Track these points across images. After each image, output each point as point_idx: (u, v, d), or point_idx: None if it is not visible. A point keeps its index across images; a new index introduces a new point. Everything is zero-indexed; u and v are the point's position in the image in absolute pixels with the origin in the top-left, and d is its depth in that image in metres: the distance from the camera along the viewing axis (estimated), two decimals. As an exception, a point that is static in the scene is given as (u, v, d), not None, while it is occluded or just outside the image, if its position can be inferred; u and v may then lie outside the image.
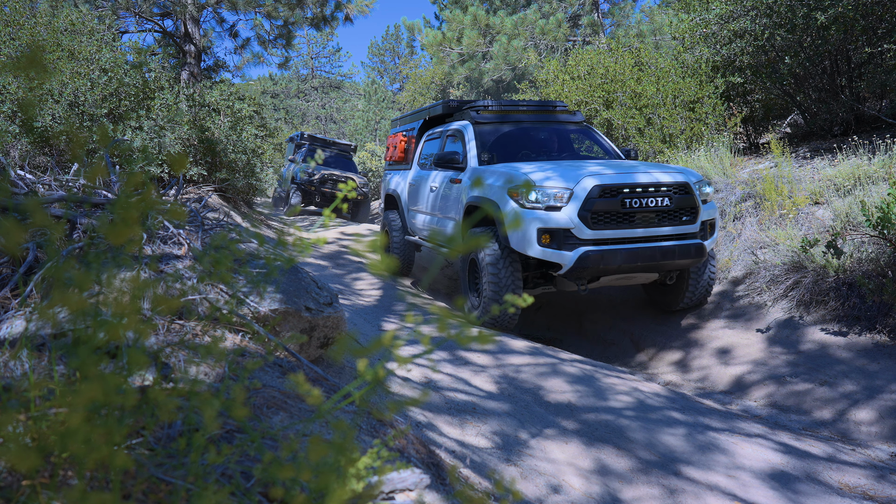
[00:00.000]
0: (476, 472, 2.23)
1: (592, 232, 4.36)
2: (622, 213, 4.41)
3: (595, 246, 4.38)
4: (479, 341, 0.80)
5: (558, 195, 4.42)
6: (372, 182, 20.62)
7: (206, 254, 0.99)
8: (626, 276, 4.72)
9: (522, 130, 6.19)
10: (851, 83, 7.44)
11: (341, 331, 2.71)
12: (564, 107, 6.59)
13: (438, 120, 7.13)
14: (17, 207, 1.66)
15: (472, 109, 6.17)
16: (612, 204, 4.38)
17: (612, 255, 4.36)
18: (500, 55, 17.63)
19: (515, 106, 6.40)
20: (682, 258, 4.50)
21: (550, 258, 4.41)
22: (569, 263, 4.36)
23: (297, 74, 38.83)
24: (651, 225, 4.47)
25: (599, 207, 4.35)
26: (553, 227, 4.39)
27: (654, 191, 4.47)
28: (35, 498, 0.81)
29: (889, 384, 3.57)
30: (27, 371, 1.22)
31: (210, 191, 8.23)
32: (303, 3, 12.09)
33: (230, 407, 0.83)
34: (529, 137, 6.17)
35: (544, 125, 6.31)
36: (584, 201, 4.35)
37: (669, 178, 4.58)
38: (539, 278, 5.00)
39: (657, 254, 4.44)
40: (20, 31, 6.63)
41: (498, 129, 6.05)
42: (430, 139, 6.91)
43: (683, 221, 4.57)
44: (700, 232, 4.67)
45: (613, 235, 4.41)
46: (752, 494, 2.42)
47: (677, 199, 4.51)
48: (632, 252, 4.39)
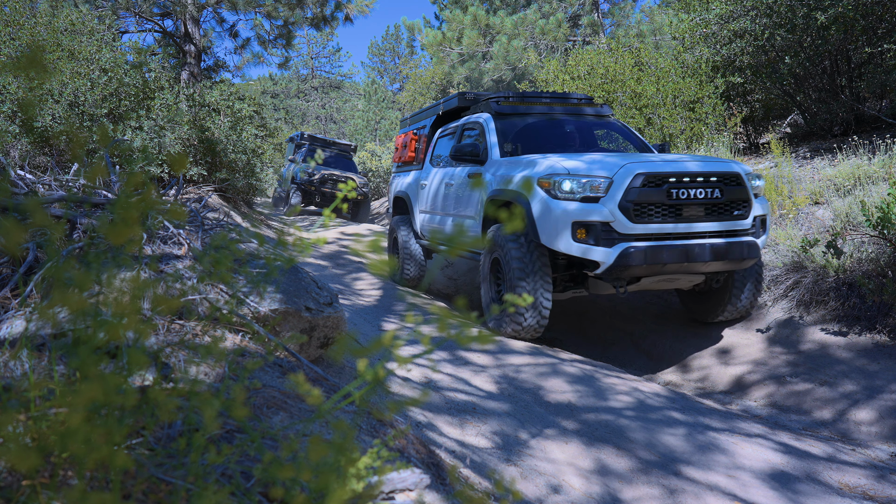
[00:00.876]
0: (476, 472, 2.23)
1: (635, 226, 3.89)
2: (668, 206, 3.94)
3: (638, 242, 3.90)
4: (479, 341, 0.80)
5: (596, 185, 3.96)
6: (372, 182, 20.63)
7: (206, 254, 0.99)
8: (668, 278, 4.24)
9: (547, 122, 5.71)
10: (851, 83, 7.44)
11: (341, 331, 2.71)
12: (590, 99, 6.12)
13: (452, 116, 6.69)
14: (17, 207, 1.66)
15: (491, 101, 5.70)
16: (658, 194, 3.90)
17: (658, 252, 3.87)
18: (500, 55, 17.63)
19: (538, 97, 5.92)
20: (735, 258, 4.01)
21: (586, 255, 3.95)
22: (608, 262, 3.90)
23: (297, 74, 38.85)
24: (699, 219, 4.00)
25: (643, 198, 3.88)
26: (590, 221, 3.93)
27: (703, 181, 3.99)
28: (35, 498, 0.81)
29: (889, 384, 3.57)
30: (27, 371, 1.22)
31: (210, 191, 8.23)
32: (303, 3, 12.09)
33: (230, 407, 0.83)
34: (554, 130, 5.69)
35: (569, 117, 5.81)
36: (626, 191, 3.88)
37: (720, 167, 4.11)
38: (569, 280, 4.54)
39: (707, 252, 3.93)
40: (20, 31, 6.63)
41: (520, 121, 5.58)
42: (443, 135, 6.44)
43: (735, 216, 4.09)
44: (752, 229, 4.19)
45: (658, 230, 3.93)
46: (752, 494, 2.42)
47: (728, 190, 4.04)
48: (679, 249, 3.90)
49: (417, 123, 7.37)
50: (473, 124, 5.70)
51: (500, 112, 5.54)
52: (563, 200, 4.03)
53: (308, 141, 15.78)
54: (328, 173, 13.92)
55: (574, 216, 3.95)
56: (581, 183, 3.99)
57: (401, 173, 7.39)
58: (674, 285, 4.45)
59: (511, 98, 5.74)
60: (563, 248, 4.00)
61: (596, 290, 4.45)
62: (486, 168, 5.07)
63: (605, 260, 3.92)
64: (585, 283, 4.50)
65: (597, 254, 3.93)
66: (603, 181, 3.97)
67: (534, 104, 5.80)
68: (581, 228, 3.95)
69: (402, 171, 7.35)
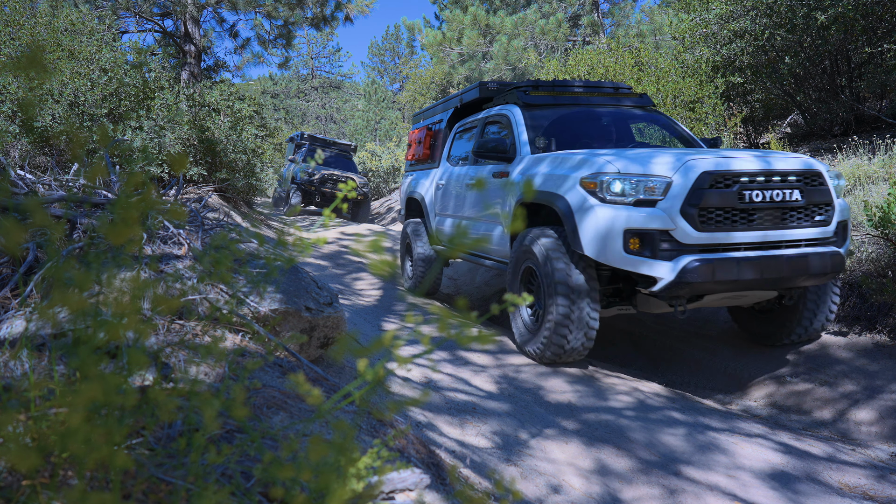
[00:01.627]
0: (476, 472, 2.23)
1: (700, 235, 3.32)
2: (739, 210, 3.37)
3: (703, 254, 3.33)
4: (480, 341, 0.80)
5: (652, 186, 3.40)
6: (372, 182, 20.64)
7: (206, 254, 0.99)
8: (736, 295, 3.67)
9: (582, 114, 5.08)
10: (851, 83, 7.44)
11: (341, 331, 2.71)
12: (627, 88, 5.51)
13: (472, 109, 6.07)
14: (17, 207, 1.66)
15: (518, 90, 5.10)
16: (727, 197, 3.34)
17: (728, 266, 3.30)
18: (500, 55, 17.64)
19: (570, 86, 5.31)
20: (817, 272, 3.44)
21: (640, 270, 3.38)
22: (668, 277, 3.32)
23: (297, 74, 38.89)
24: (776, 226, 3.43)
25: (710, 202, 3.31)
26: (646, 229, 3.36)
27: (780, 180, 3.43)
28: (35, 498, 0.81)
29: (889, 384, 3.57)
30: (27, 371, 1.22)
31: (210, 191, 8.23)
32: (303, 3, 12.10)
33: (230, 407, 0.83)
34: (591, 122, 5.06)
35: (606, 108, 5.18)
36: (690, 193, 3.32)
37: (799, 164, 3.54)
38: (613, 295, 3.94)
39: (785, 265, 3.38)
40: (20, 31, 6.64)
41: (552, 112, 4.97)
42: (462, 131, 5.85)
43: (816, 222, 3.52)
44: (834, 237, 3.62)
45: (727, 240, 3.36)
46: (752, 494, 2.42)
47: (809, 191, 3.46)
48: (754, 263, 3.34)
49: (432, 118, 6.77)
50: (498, 117, 5.14)
51: (529, 103, 4.95)
52: (612, 204, 3.46)
53: (308, 141, 15.79)
54: (328, 173, 13.94)
55: (626, 223, 3.38)
56: (634, 184, 3.43)
57: (414, 172, 6.85)
58: (739, 302, 3.91)
59: (540, 87, 5.16)
60: (613, 260, 3.43)
61: (646, 307, 3.83)
62: (515, 166, 4.52)
63: (664, 276, 3.34)
64: (633, 299, 3.89)
65: (654, 268, 3.36)
66: (660, 182, 3.40)
67: (566, 94, 5.21)
68: (634, 238, 3.38)
69: (416, 170, 6.80)
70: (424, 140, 6.53)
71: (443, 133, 6.27)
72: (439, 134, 6.33)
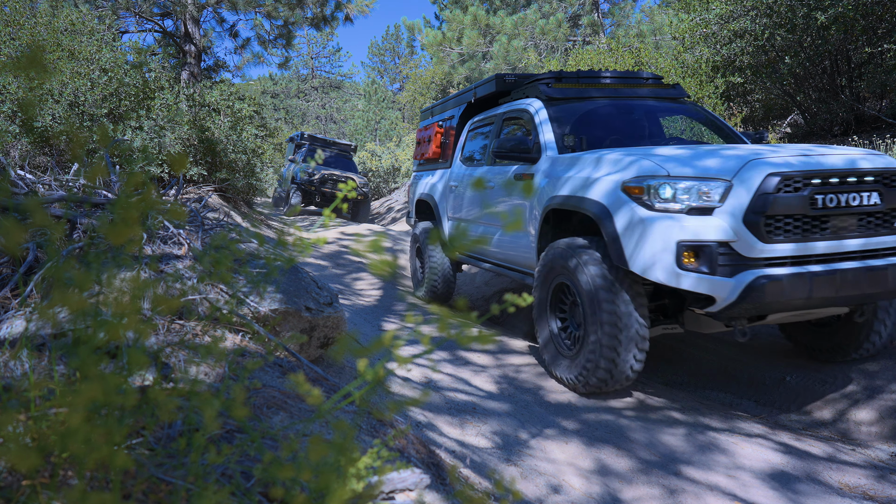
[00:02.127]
0: (476, 472, 2.23)
1: (766, 247, 2.85)
2: (811, 218, 2.91)
3: (771, 269, 2.86)
4: (480, 341, 0.80)
5: (707, 190, 2.94)
6: (372, 182, 20.66)
7: (206, 254, 0.99)
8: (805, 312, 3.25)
9: (611, 108, 4.63)
10: (851, 83, 7.44)
11: (341, 331, 2.71)
12: (659, 78, 5.00)
13: (487, 103, 5.64)
14: (17, 207, 1.66)
15: (541, 83, 4.63)
16: (798, 202, 2.87)
17: (800, 283, 2.84)
18: (500, 55, 17.65)
19: (596, 77, 4.81)
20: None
21: (697, 288, 2.88)
22: (729, 297, 2.84)
23: (297, 74, 38.91)
24: (851, 234, 2.97)
25: (778, 208, 2.84)
26: (703, 241, 2.87)
27: (856, 181, 2.97)
28: (35, 498, 0.81)
29: (889, 384, 3.57)
30: (27, 371, 1.22)
31: (210, 191, 8.23)
32: (303, 3, 12.10)
33: (230, 407, 0.83)
34: (622, 117, 4.62)
35: (638, 101, 4.71)
36: (755, 198, 2.85)
37: (878, 162, 3.08)
38: (656, 311, 3.48)
39: (864, 279, 2.93)
40: (20, 31, 6.64)
41: (579, 106, 4.52)
42: (476, 128, 5.46)
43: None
44: None
45: (799, 252, 2.89)
46: (752, 494, 2.42)
47: (890, 194, 3.01)
48: (829, 278, 2.88)
49: (443, 114, 6.33)
50: (518, 113, 4.71)
51: (552, 96, 4.49)
52: (662, 212, 3.00)
53: (308, 141, 15.80)
54: (328, 173, 13.94)
55: (679, 235, 2.90)
56: (687, 188, 2.97)
57: (424, 173, 6.41)
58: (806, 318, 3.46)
59: (564, 78, 4.68)
60: (663, 277, 2.94)
61: (696, 326, 3.35)
62: (539, 167, 4.09)
63: (725, 295, 2.85)
64: (680, 318, 3.40)
65: (713, 286, 2.86)
66: (719, 185, 2.94)
67: (592, 85, 4.72)
68: (690, 251, 2.91)
69: (426, 170, 6.36)
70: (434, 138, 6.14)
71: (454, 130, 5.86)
72: (451, 131, 5.93)
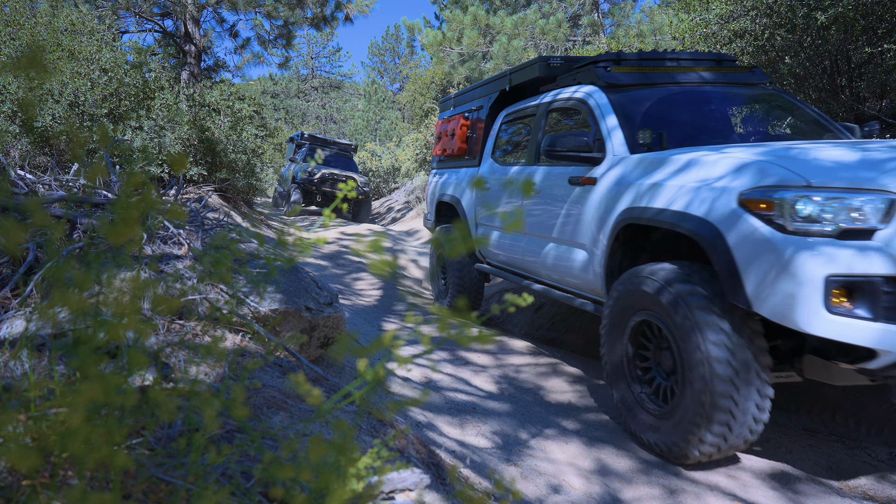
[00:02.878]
0: (476, 472, 2.23)
1: None
2: None
3: None
4: (480, 341, 0.80)
5: (860, 207, 2.19)
6: (372, 182, 20.67)
7: (206, 254, 0.99)
8: None
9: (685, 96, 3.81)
10: (851, 83, 7.44)
11: (341, 331, 2.71)
12: (733, 60, 4.26)
13: (522, 92, 4.88)
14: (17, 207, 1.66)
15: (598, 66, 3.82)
16: None
17: None
18: (500, 55, 17.64)
19: (661, 59, 4.01)
20: None
21: (855, 339, 2.11)
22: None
23: (297, 74, 38.92)
24: None
25: None
26: (860, 276, 2.13)
27: None
28: (35, 498, 0.81)
29: (889, 384, 3.57)
30: (27, 371, 1.22)
31: (210, 191, 8.23)
32: (303, 3, 12.10)
33: (230, 407, 0.83)
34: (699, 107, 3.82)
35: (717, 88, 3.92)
36: None
37: None
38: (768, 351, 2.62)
39: None
40: (20, 31, 6.64)
41: (646, 94, 3.74)
42: (511, 120, 4.73)
43: None
44: None
45: None
46: (752, 494, 2.42)
47: None
48: None
49: (469, 104, 5.56)
50: (569, 102, 3.95)
51: (614, 83, 3.71)
52: (800, 236, 2.22)
53: (308, 141, 15.81)
54: (328, 173, 13.95)
55: (828, 267, 2.14)
56: (835, 204, 2.21)
57: (445, 170, 5.66)
58: None
59: (624, 61, 3.88)
60: (804, 323, 2.16)
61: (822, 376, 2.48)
62: (605, 170, 3.33)
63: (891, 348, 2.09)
64: (798, 364, 2.58)
65: (878, 336, 2.10)
66: (877, 200, 2.19)
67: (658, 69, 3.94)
68: (842, 289, 2.17)
69: (447, 168, 5.64)
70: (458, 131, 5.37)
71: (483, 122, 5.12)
72: (479, 124, 5.18)
